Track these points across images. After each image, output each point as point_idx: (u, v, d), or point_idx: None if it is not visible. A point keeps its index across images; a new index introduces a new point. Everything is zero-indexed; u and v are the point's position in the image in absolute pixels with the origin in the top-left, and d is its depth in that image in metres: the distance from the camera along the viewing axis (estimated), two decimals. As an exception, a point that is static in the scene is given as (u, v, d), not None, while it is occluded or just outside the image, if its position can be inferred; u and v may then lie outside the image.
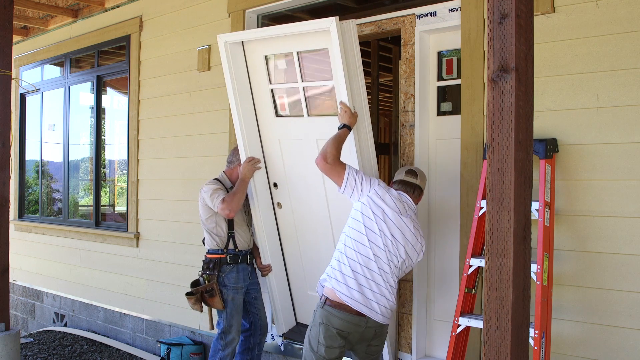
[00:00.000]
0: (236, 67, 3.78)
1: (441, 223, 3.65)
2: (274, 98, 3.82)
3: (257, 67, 3.81)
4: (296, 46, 3.52)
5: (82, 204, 6.89)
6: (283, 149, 3.85)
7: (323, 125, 3.52)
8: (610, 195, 2.88)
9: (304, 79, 3.59)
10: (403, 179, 3.14)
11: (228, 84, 3.80)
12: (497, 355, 1.90)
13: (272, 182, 3.98)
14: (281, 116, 3.83)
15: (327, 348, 2.89)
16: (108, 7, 5.91)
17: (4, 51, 4.23)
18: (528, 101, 1.92)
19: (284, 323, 4.17)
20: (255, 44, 3.75)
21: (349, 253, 2.92)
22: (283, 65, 3.75)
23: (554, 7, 3.03)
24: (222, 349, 3.78)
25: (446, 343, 3.37)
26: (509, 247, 1.87)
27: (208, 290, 3.72)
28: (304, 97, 3.64)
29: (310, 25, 3.37)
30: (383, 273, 2.90)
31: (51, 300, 6.76)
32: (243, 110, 3.84)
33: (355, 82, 3.29)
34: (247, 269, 3.86)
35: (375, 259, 2.89)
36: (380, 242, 2.90)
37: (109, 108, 6.60)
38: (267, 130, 3.91)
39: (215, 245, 3.78)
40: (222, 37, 3.73)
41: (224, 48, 3.70)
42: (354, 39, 3.26)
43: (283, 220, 4.02)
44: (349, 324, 2.87)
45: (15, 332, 4.17)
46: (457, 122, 3.48)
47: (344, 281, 2.88)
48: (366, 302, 2.87)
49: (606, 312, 2.89)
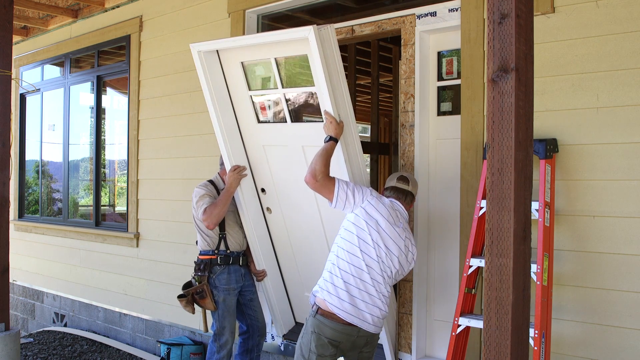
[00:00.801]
0: (212, 75, 3.68)
1: (441, 223, 3.65)
2: (254, 104, 3.73)
3: (234, 74, 3.71)
4: (274, 53, 3.41)
5: (82, 204, 6.89)
6: (268, 156, 3.77)
7: (308, 131, 3.44)
8: (610, 195, 2.88)
9: (284, 85, 3.50)
10: (395, 186, 3.12)
11: (205, 93, 3.70)
12: (497, 355, 1.90)
13: (259, 187, 3.92)
14: (264, 122, 3.75)
15: (319, 356, 2.88)
16: (108, 7, 5.91)
17: (4, 51, 4.23)
18: (528, 101, 1.92)
19: (283, 325, 4.17)
20: (230, 51, 3.64)
21: (341, 264, 2.89)
22: (261, 71, 3.65)
23: (554, 7, 3.03)
24: (216, 352, 3.76)
25: (446, 343, 3.37)
26: (509, 247, 1.87)
27: (198, 291, 3.70)
28: (285, 103, 3.54)
29: (287, 34, 3.26)
30: (376, 284, 2.88)
31: (51, 300, 6.76)
32: (223, 118, 3.74)
33: (339, 88, 3.20)
34: (240, 270, 3.83)
35: (368, 270, 2.87)
36: (373, 253, 2.87)
37: (109, 108, 6.60)
38: (250, 137, 3.83)
39: (207, 246, 3.77)
40: (195, 46, 3.62)
41: (198, 57, 3.59)
42: (333, 45, 3.15)
43: (274, 224, 3.98)
44: (340, 333, 2.86)
45: (15, 332, 4.17)
46: (457, 122, 3.48)
47: (336, 293, 2.86)
48: (358, 313, 2.85)
49: (606, 312, 2.89)
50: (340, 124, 3.14)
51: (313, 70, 3.22)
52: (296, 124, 3.56)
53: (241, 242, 3.88)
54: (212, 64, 3.69)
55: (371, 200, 2.94)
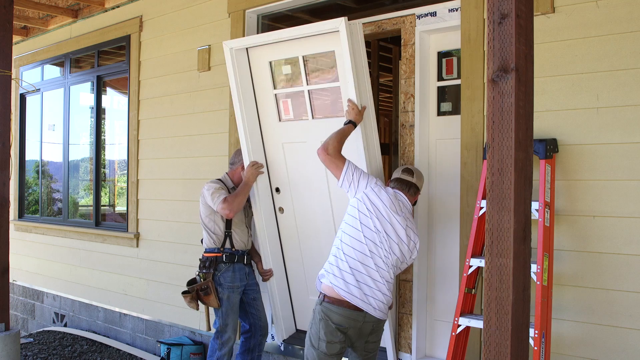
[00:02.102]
0: (241, 73, 3.84)
1: (441, 223, 3.65)
2: (277, 103, 3.86)
3: (261, 72, 3.86)
4: (302, 50, 3.54)
5: (82, 204, 6.89)
6: (286, 153, 3.88)
7: (328, 127, 3.55)
8: (610, 195, 2.88)
9: (309, 83, 3.60)
10: (399, 177, 3.17)
11: (233, 90, 3.85)
12: (497, 355, 1.90)
13: (274, 187, 4.00)
14: (285, 121, 3.88)
15: (328, 343, 2.93)
16: (108, 7, 5.91)
17: (4, 51, 4.23)
18: (528, 101, 1.92)
19: (284, 329, 4.19)
20: (259, 49, 3.80)
21: (346, 249, 2.95)
22: (287, 70, 3.79)
23: (554, 7, 3.03)
24: (218, 349, 3.78)
25: (446, 343, 3.37)
26: (509, 247, 1.87)
27: (203, 288, 3.73)
28: (309, 100, 3.68)
29: (318, 26, 3.40)
30: (379, 269, 2.93)
31: (51, 300, 6.76)
32: (247, 116, 3.88)
33: (363, 82, 3.34)
34: (244, 269, 3.86)
35: (371, 255, 2.93)
36: (376, 239, 2.93)
37: (109, 108, 6.60)
38: (270, 135, 3.95)
39: (212, 244, 3.80)
40: (227, 43, 3.78)
41: (229, 55, 3.76)
42: (360, 40, 3.31)
43: (285, 224, 4.04)
44: (347, 319, 2.91)
45: (15, 332, 4.17)
46: (457, 122, 3.49)
47: (342, 276, 2.92)
48: (363, 297, 2.90)
49: (606, 312, 2.89)
50: (361, 111, 3.29)
51: (339, 64, 3.37)
52: (317, 120, 3.70)
53: (246, 240, 3.90)
54: (241, 62, 3.86)
55: (374, 187, 3.01)
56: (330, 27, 3.26)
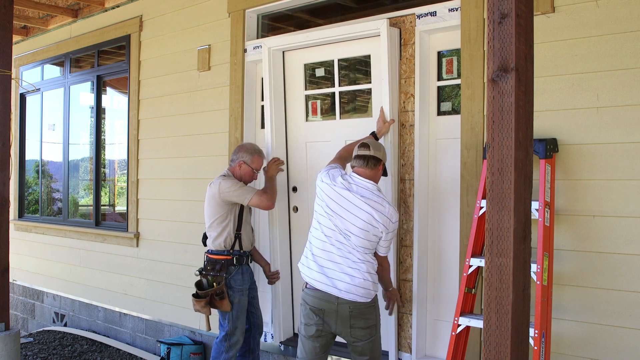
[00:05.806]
0: (275, 73, 3.99)
1: (441, 223, 3.65)
2: (307, 104, 3.99)
3: (294, 74, 4.01)
4: (337, 54, 3.62)
5: (82, 203, 6.89)
6: (309, 152, 4.01)
7: (354, 126, 3.69)
8: (610, 195, 2.88)
9: (340, 84, 3.74)
10: (356, 154, 3.17)
11: (266, 89, 4.00)
12: (497, 355, 1.90)
13: (291, 186, 4.10)
14: (311, 120, 4.02)
15: (306, 325, 3.10)
16: (108, 7, 5.91)
17: (4, 51, 4.23)
18: (528, 101, 1.92)
19: (283, 332, 4.22)
20: (295, 52, 3.96)
21: (311, 238, 3.16)
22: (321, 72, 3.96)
23: (554, 7, 3.03)
24: (225, 351, 3.70)
25: (446, 343, 3.37)
26: (509, 247, 1.87)
27: (218, 293, 3.63)
28: (338, 100, 3.82)
29: (359, 27, 3.55)
30: (340, 251, 3.02)
31: (51, 300, 6.76)
32: (276, 115, 4.01)
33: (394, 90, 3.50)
34: (249, 269, 3.85)
35: (327, 238, 3.06)
36: (328, 222, 3.05)
37: (109, 108, 6.59)
38: (295, 134, 4.08)
39: (221, 246, 3.70)
40: (266, 42, 3.98)
41: (267, 54, 3.87)
42: (397, 46, 3.48)
43: (297, 224, 4.12)
44: (319, 300, 3.04)
45: (15, 332, 4.17)
46: (457, 122, 3.48)
47: (307, 263, 3.13)
48: (326, 280, 3.03)
49: (606, 312, 2.89)
50: (388, 124, 3.52)
51: (374, 67, 3.50)
52: (344, 120, 3.85)
53: (252, 240, 3.90)
54: (277, 63, 4.04)
55: (323, 175, 3.18)
56: (372, 27, 3.39)
